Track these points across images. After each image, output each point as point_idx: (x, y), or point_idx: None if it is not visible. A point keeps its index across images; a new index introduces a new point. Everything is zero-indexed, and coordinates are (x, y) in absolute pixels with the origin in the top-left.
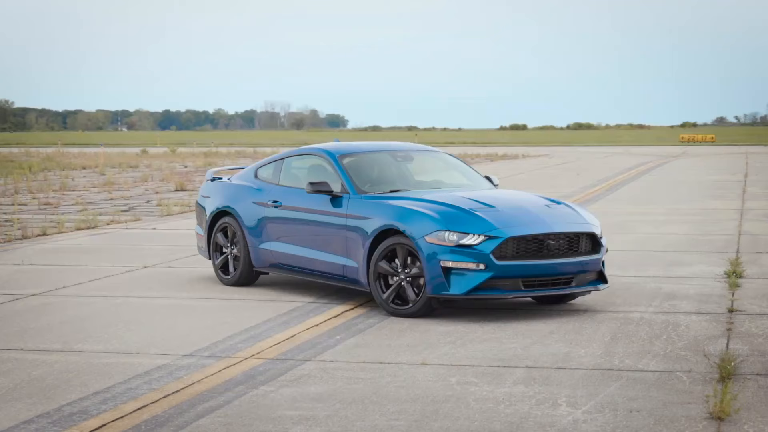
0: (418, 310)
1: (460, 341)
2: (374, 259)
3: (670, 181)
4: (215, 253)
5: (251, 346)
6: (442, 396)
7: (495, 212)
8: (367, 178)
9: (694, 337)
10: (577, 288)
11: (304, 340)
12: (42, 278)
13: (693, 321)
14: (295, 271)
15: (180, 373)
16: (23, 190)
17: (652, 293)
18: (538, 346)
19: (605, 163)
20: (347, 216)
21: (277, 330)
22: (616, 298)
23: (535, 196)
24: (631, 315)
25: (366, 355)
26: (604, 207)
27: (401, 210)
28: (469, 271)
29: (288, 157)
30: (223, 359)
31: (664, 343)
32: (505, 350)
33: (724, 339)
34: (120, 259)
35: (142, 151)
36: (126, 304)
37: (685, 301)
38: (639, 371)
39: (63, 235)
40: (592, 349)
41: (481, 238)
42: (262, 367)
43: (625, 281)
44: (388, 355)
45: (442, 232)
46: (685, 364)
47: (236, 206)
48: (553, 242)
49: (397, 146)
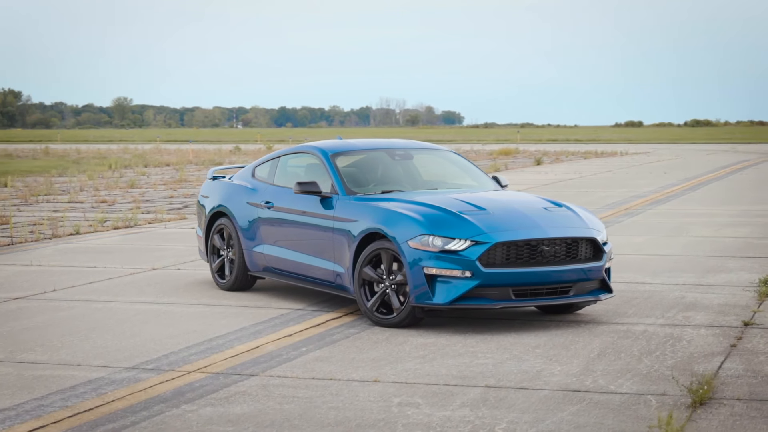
0: (402, 320)
1: (432, 355)
2: (359, 264)
3: (759, 180)
4: (212, 255)
5: (204, 358)
6: (371, 420)
7: (485, 215)
8: (360, 178)
9: (690, 354)
10: (575, 297)
11: (266, 352)
12: (39, 280)
13: (699, 335)
14: (287, 276)
15: (107, 388)
16: (89, 187)
17: (671, 303)
18: (513, 362)
19: (702, 161)
20: (334, 218)
21: (243, 340)
22: (629, 307)
23: (537, 198)
24: (635, 327)
25: (321, 370)
26: (673, 207)
27: (386, 212)
28: (454, 278)
29: (283, 155)
30: (165, 373)
31: (653, 360)
32: (475, 366)
33: (722, 357)
34: (134, 260)
35: (235, 148)
36: (104, 310)
37: (703, 312)
38: (608, 393)
39: (95, 235)
40: (571, 366)
41: (468, 244)
42: (198, 383)
43: (649, 288)
44: (344, 370)
45: (426, 236)
46: (662, 386)
47: (231, 207)
48: (547, 248)
49: (396, 144)
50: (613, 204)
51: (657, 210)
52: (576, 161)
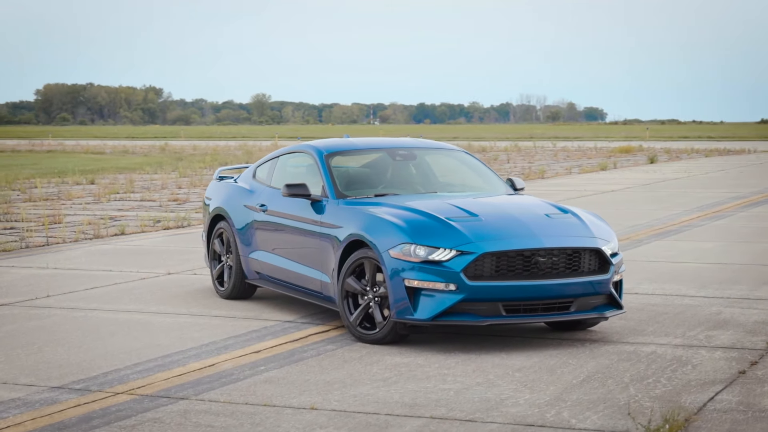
0: (384, 337)
1: (397, 378)
2: (342, 275)
3: None
4: (213, 261)
5: (146, 376)
6: None
7: (475, 223)
8: (355, 179)
9: (687, 382)
10: (577, 314)
11: (219, 370)
12: (40, 285)
13: (710, 358)
14: (279, 285)
15: (12, 411)
16: (171, 185)
17: (702, 319)
18: (481, 388)
19: None
20: (321, 224)
21: (203, 356)
22: (652, 324)
23: (542, 203)
24: (644, 348)
25: (262, 393)
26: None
27: (369, 218)
28: (437, 292)
29: (282, 155)
30: (89, 394)
31: (640, 389)
32: (435, 392)
33: (722, 386)
34: (156, 263)
35: None
36: (80, 319)
37: (731, 331)
38: (563, 429)
39: (140, 235)
40: (543, 394)
41: (452, 254)
42: (116, 407)
43: (686, 302)
44: (288, 394)
45: (407, 245)
46: (627, 423)
47: (229, 209)
48: (543, 259)
49: (400, 144)
50: (704, 206)
51: (748, 213)
52: (695, 159)
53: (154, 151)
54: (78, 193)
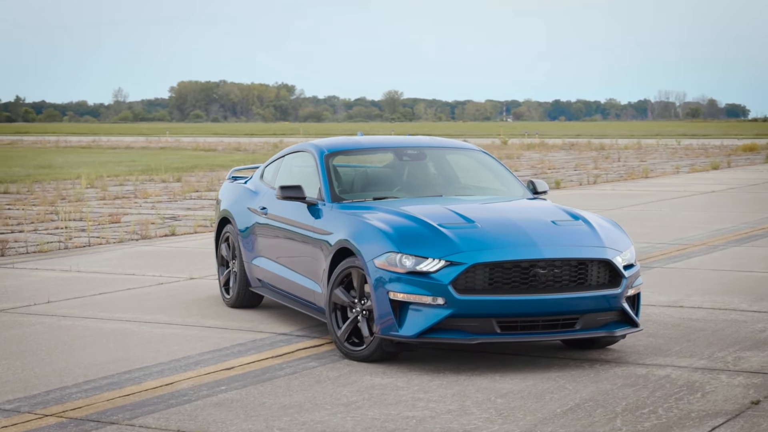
0: (371, 354)
1: (362, 402)
2: (330, 285)
3: None
4: (221, 267)
5: (90, 396)
6: None
7: (469, 230)
8: (356, 181)
9: (687, 414)
10: (583, 332)
11: (174, 390)
12: (48, 289)
13: (726, 385)
14: (277, 294)
15: None
16: None
17: (741, 337)
18: (450, 416)
19: None
20: (314, 229)
21: (165, 374)
22: (680, 342)
23: (552, 208)
24: (658, 371)
25: (204, 419)
26: None
27: (358, 224)
28: (424, 306)
29: (288, 154)
30: (16, 416)
31: (628, 420)
32: (396, 421)
33: (724, 419)
34: (183, 267)
35: None
36: (63, 328)
37: (766, 353)
38: None
39: (189, 236)
40: (513, 426)
41: (441, 264)
42: None
43: (731, 318)
44: (232, 421)
45: (393, 254)
46: None
47: (234, 212)
48: (543, 271)
49: (410, 143)
50: None
51: None
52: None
53: (266, 148)
54: (155, 192)
